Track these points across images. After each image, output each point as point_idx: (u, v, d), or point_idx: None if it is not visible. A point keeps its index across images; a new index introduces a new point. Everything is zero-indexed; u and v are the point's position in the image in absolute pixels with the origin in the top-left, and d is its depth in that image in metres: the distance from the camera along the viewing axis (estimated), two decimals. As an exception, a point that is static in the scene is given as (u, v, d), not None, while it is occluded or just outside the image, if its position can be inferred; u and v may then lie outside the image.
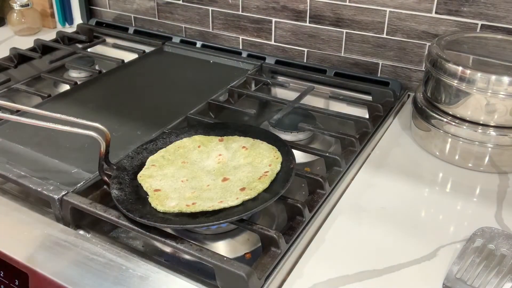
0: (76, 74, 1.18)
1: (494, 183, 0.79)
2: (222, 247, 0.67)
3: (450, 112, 0.82)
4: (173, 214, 0.63)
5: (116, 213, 0.64)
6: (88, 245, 0.64)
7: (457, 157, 0.83)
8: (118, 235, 0.68)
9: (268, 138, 0.77)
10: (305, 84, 1.07)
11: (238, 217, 0.61)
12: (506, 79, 0.75)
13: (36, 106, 0.93)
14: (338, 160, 0.77)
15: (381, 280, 0.61)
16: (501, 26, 0.93)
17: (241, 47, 1.24)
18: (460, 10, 0.95)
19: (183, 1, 1.26)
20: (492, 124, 0.79)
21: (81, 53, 1.23)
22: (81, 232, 0.67)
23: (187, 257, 0.64)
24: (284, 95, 1.09)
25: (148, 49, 1.25)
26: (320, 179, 0.72)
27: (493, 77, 0.76)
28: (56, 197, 0.67)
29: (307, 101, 1.00)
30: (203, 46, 1.25)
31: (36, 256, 0.63)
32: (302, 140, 0.92)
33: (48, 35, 1.36)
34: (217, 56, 1.18)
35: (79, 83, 1.07)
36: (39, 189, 0.69)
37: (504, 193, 0.77)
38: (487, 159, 0.81)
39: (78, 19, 1.45)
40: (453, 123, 0.81)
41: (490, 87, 0.76)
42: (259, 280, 0.57)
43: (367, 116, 0.96)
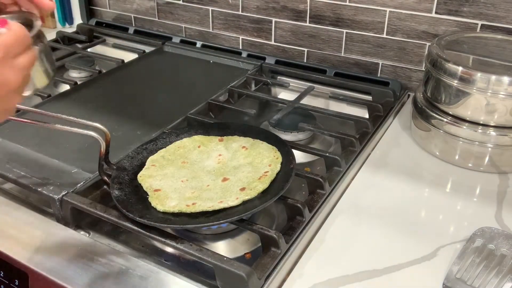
0: (76, 74, 1.18)
1: (494, 183, 0.79)
2: (222, 247, 0.67)
3: (450, 112, 0.82)
4: (173, 214, 0.63)
5: (116, 213, 0.64)
6: (88, 245, 0.64)
7: (457, 157, 0.83)
8: (118, 235, 0.68)
9: (268, 138, 0.77)
10: (305, 84, 1.07)
11: (238, 217, 0.61)
12: (506, 79, 0.75)
13: (36, 106, 0.93)
14: (338, 160, 0.77)
15: (381, 280, 0.61)
16: (501, 26, 0.93)
17: (241, 47, 1.23)
18: (460, 10, 0.95)
19: (183, 1, 1.26)
20: (492, 124, 0.79)
21: (81, 53, 1.23)
22: (81, 232, 0.67)
23: (187, 257, 0.64)
24: (284, 95, 1.09)
25: (148, 49, 1.25)
26: (320, 179, 0.72)
27: (493, 77, 0.76)
28: (56, 197, 0.67)
29: (307, 101, 1.00)
30: (203, 46, 1.25)
31: (36, 256, 0.63)
32: (302, 140, 0.92)
33: (48, 35, 1.36)
34: (217, 56, 1.18)
35: (79, 83, 1.07)
36: (39, 189, 0.69)
37: (504, 193, 0.77)
38: (487, 159, 0.81)
39: (78, 19, 1.45)
40: (453, 123, 0.81)
41: (490, 87, 0.76)
42: (259, 280, 0.57)
43: (367, 116, 0.96)
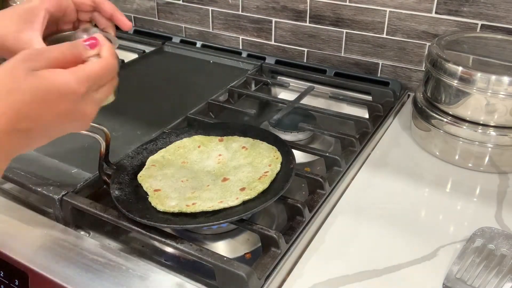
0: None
1: (494, 183, 0.79)
2: (222, 247, 0.67)
3: (450, 112, 0.82)
4: (173, 214, 0.63)
5: (116, 213, 0.64)
6: (88, 245, 0.64)
7: (457, 157, 0.83)
8: (118, 235, 0.68)
9: (268, 138, 0.77)
10: (305, 84, 1.07)
11: (238, 217, 0.61)
12: (506, 79, 0.75)
13: (36, 106, 0.93)
14: (338, 160, 0.77)
15: (381, 280, 0.61)
16: (501, 26, 0.93)
17: (241, 47, 1.23)
18: (460, 10, 0.95)
19: (183, 1, 1.26)
20: (492, 124, 0.79)
21: (81, 53, 1.23)
22: (81, 232, 0.67)
23: (187, 257, 0.64)
24: (284, 95, 1.09)
25: (148, 49, 1.25)
26: (320, 179, 0.72)
27: (493, 77, 0.76)
28: (56, 197, 0.67)
29: (307, 101, 1.00)
30: (203, 46, 1.25)
31: (36, 256, 0.63)
32: (302, 140, 0.92)
33: (48, 35, 1.36)
34: (217, 56, 1.18)
35: (79, 83, 1.07)
36: (39, 189, 0.69)
37: (504, 193, 0.77)
38: (487, 159, 0.81)
39: (78, 19, 1.45)
40: (453, 123, 0.81)
41: (490, 87, 0.76)
42: (259, 280, 0.57)
43: (367, 116, 0.96)
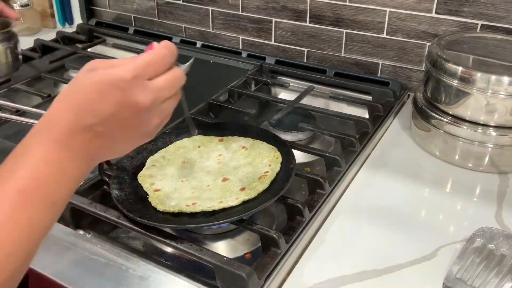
0: (76, 74, 1.17)
1: (494, 183, 0.79)
2: (222, 247, 0.67)
3: (450, 112, 0.82)
4: (173, 214, 0.63)
5: (116, 213, 0.64)
6: (88, 245, 0.64)
7: (457, 157, 0.83)
8: (118, 235, 0.68)
9: (268, 138, 0.77)
10: (305, 84, 1.07)
11: (238, 217, 0.61)
12: (506, 79, 0.75)
13: (36, 106, 0.93)
14: (338, 160, 0.77)
15: (381, 280, 0.61)
16: (501, 26, 0.93)
17: (241, 47, 1.23)
18: (460, 10, 0.95)
19: (183, 1, 1.26)
20: (492, 124, 0.79)
21: (81, 53, 1.23)
22: (81, 232, 0.67)
23: (187, 257, 0.64)
24: (284, 95, 1.09)
25: (148, 49, 1.25)
26: (320, 179, 0.72)
27: (493, 77, 0.76)
28: (56, 197, 0.67)
29: (307, 101, 1.00)
30: (203, 46, 1.25)
31: (36, 256, 0.63)
32: (302, 140, 0.92)
33: (48, 35, 1.36)
34: (217, 56, 1.18)
35: (79, 83, 1.07)
36: (39, 189, 0.69)
37: (504, 193, 0.77)
38: (487, 159, 0.81)
39: (78, 19, 1.45)
40: (453, 123, 0.81)
41: (490, 87, 0.76)
42: (259, 280, 0.57)
43: (367, 116, 0.96)
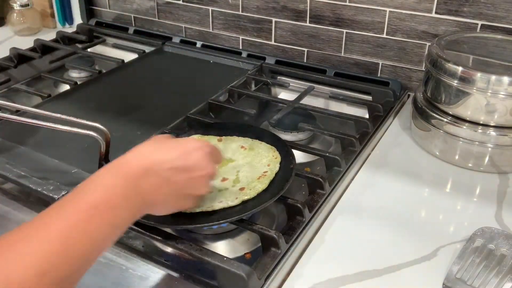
0: (76, 74, 1.18)
1: (494, 183, 0.79)
2: (222, 247, 0.67)
3: (450, 112, 0.82)
4: (173, 214, 0.63)
5: (116, 213, 0.64)
6: (88, 245, 0.64)
7: (457, 157, 0.83)
8: (118, 235, 0.68)
9: (268, 138, 0.77)
10: (305, 84, 1.07)
11: (238, 217, 0.61)
12: (506, 79, 0.75)
13: (36, 106, 0.93)
14: (338, 160, 0.77)
15: (381, 280, 0.61)
16: (501, 26, 0.93)
17: (241, 47, 1.23)
18: (460, 10, 0.95)
19: (183, 1, 1.26)
20: (492, 124, 0.79)
21: (81, 53, 1.23)
22: (81, 232, 0.67)
23: (187, 257, 0.63)
24: (284, 95, 1.09)
25: (148, 49, 1.25)
26: (320, 179, 0.72)
27: (493, 77, 0.76)
28: (56, 197, 0.67)
29: (307, 101, 1.00)
30: (203, 46, 1.25)
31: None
32: (302, 140, 0.92)
33: (48, 35, 1.36)
34: (217, 56, 1.18)
35: (79, 83, 1.07)
36: (39, 189, 0.69)
37: (504, 193, 0.77)
38: (487, 159, 0.81)
39: (78, 19, 1.45)
40: (453, 123, 0.81)
41: (490, 87, 0.76)
42: (259, 280, 0.57)
43: (367, 116, 0.96)
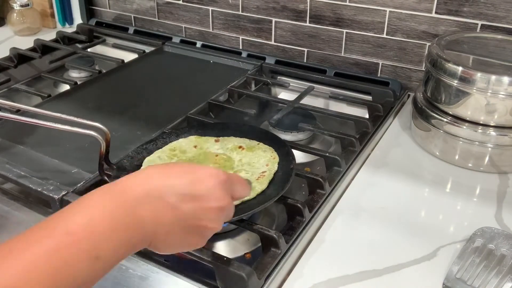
0: (76, 74, 1.18)
1: (494, 183, 0.79)
2: (222, 247, 0.67)
3: (450, 112, 0.82)
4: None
5: (116, 213, 0.64)
6: (88, 245, 0.64)
7: (457, 157, 0.83)
8: (118, 235, 0.68)
9: (268, 138, 0.77)
10: (305, 84, 1.07)
11: (238, 217, 0.61)
12: (506, 79, 0.75)
13: (36, 106, 0.93)
14: (338, 160, 0.77)
15: (381, 280, 0.61)
16: (501, 26, 0.93)
17: (241, 47, 1.23)
18: (460, 10, 0.95)
19: (183, 1, 1.26)
20: (492, 124, 0.79)
21: (81, 53, 1.23)
22: (81, 232, 0.67)
23: (187, 257, 0.63)
24: (284, 95, 1.09)
25: (148, 49, 1.25)
26: (320, 179, 0.72)
27: (493, 77, 0.76)
28: (56, 197, 0.67)
29: (307, 101, 1.00)
30: (203, 46, 1.25)
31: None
32: (302, 140, 0.92)
33: (48, 35, 1.36)
34: (217, 56, 1.18)
35: (79, 83, 1.07)
36: (39, 189, 0.69)
37: (504, 193, 0.77)
38: (487, 159, 0.81)
39: (78, 19, 1.45)
40: (453, 123, 0.81)
41: (490, 87, 0.76)
42: (259, 280, 0.57)
43: (367, 116, 0.96)
